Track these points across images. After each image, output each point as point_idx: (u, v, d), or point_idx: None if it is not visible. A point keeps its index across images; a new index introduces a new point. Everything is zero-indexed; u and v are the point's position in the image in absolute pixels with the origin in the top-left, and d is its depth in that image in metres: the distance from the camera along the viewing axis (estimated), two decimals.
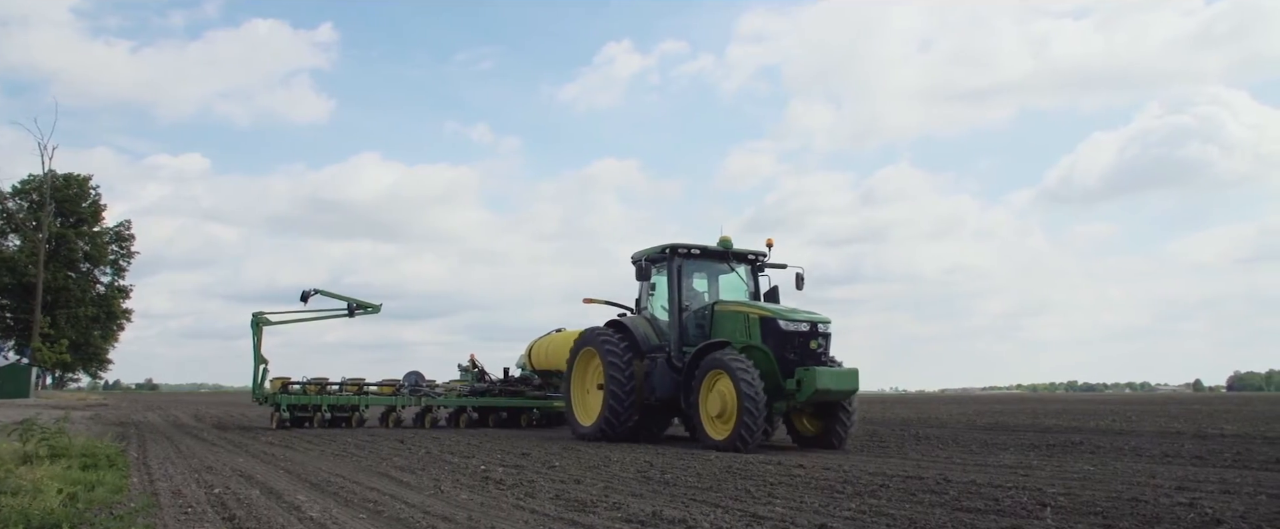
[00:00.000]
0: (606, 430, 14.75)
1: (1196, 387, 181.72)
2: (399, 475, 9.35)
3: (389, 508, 6.86)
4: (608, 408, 14.63)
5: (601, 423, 14.83)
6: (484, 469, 9.86)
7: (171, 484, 8.48)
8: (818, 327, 13.49)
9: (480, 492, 7.88)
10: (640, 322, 15.36)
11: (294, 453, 12.44)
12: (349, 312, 20.93)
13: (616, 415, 14.59)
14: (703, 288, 15.55)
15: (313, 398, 19.31)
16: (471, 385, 22.05)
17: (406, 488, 8.24)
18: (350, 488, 8.16)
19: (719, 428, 13.00)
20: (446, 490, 7.96)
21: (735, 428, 12.46)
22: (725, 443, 12.65)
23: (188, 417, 26.93)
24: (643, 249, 15.59)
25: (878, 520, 6.12)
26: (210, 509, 6.80)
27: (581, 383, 16.18)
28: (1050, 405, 43.81)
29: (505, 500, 7.29)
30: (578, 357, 16.09)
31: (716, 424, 13.06)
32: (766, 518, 6.22)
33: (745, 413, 12.33)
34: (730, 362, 12.66)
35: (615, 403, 14.53)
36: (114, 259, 58.93)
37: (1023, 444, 14.40)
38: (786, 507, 6.81)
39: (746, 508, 6.75)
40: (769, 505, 6.90)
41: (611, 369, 14.62)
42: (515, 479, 8.82)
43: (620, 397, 14.50)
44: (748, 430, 12.34)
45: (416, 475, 9.30)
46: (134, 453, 12.28)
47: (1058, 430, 18.70)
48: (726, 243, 15.32)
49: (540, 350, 20.82)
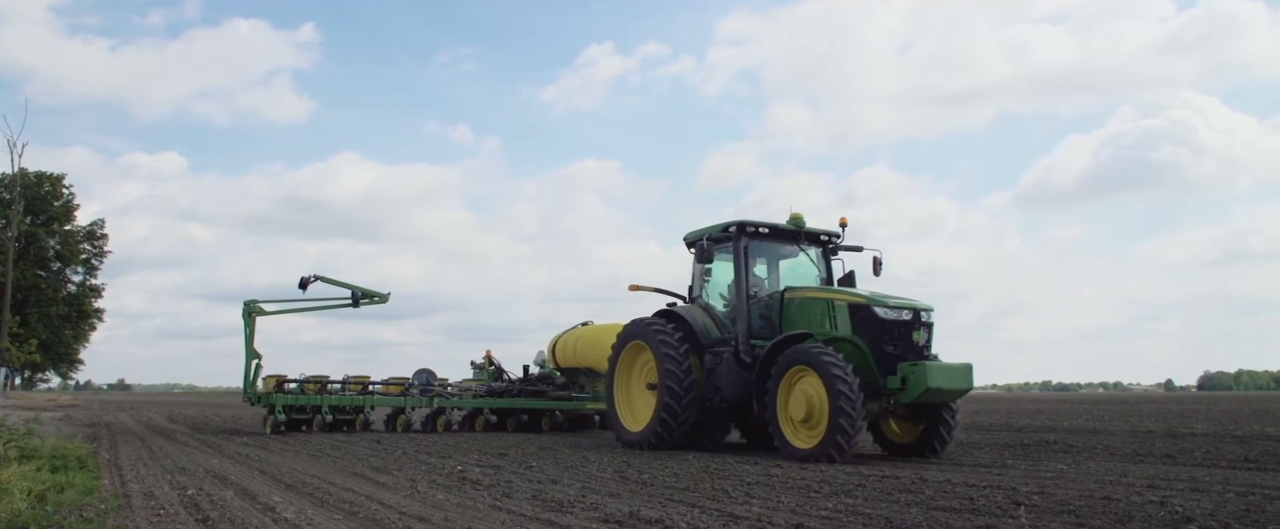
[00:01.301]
0: (662, 436, 12.81)
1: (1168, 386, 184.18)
2: (375, 476, 9.29)
3: (365, 508, 6.81)
4: (663, 410, 12.74)
5: (655, 428, 12.88)
6: (460, 470, 9.82)
7: (143, 486, 8.38)
8: (921, 315, 11.62)
9: (457, 492, 7.85)
10: (697, 311, 13.44)
11: (268, 454, 12.34)
12: (353, 301, 18.85)
13: (674, 418, 12.72)
14: (762, 273, 13.69)
15: (312, 398, 17.57)
16: (488, 385, 20.07)
17: (382, 488, 8.19)
18: (325, 488, 8.10)
19: (803, 435, 11.15)
20: (423, 491, 7.92)
21: (826, 435, 10.64)
22: (813, 452, 10.75)
23: (161, 418, 26.64)
24: (699, 228, 13.89)
25: (854, 520, 6.15)
26: (183, 511, 6.72)
27: (626, 382, 14.27)
28: (1024, 405, 44.26)
29: (482, 501, 7.26)
30: (623, 352, 14.16)
31: (800, 430, 11.20)
32: (743, 518, 6.23)
33: (840, 416, 10.49)
34: (820, 356, 10.83)
35: (672, 404, 12.64)
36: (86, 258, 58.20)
37: (997, 443, 14.53)
38: (763, 506, 6.83)
39: (723, 508, 6.76)
40: (746, 505, 6.92)
41: (667, 365, 12.74)
42: (492, 479, 8.79)
43: (678, 396, 12.62)
44: (843, 436, 10.49)
45: (392, 476, 9.24)
46: (105, 454, 12.12)
47: (1032, 430, 18.89)
48: (799, 221, 13.40)
49: (566, 346, 19.24)
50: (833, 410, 10.57)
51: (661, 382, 12.82)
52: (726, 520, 6.13)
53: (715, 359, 12.67)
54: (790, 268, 13.74)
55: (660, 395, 12.85)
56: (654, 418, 12.95)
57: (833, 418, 10.56)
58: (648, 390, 13.62)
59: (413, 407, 18.29)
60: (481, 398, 18.97)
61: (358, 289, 18.95)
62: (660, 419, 12.78)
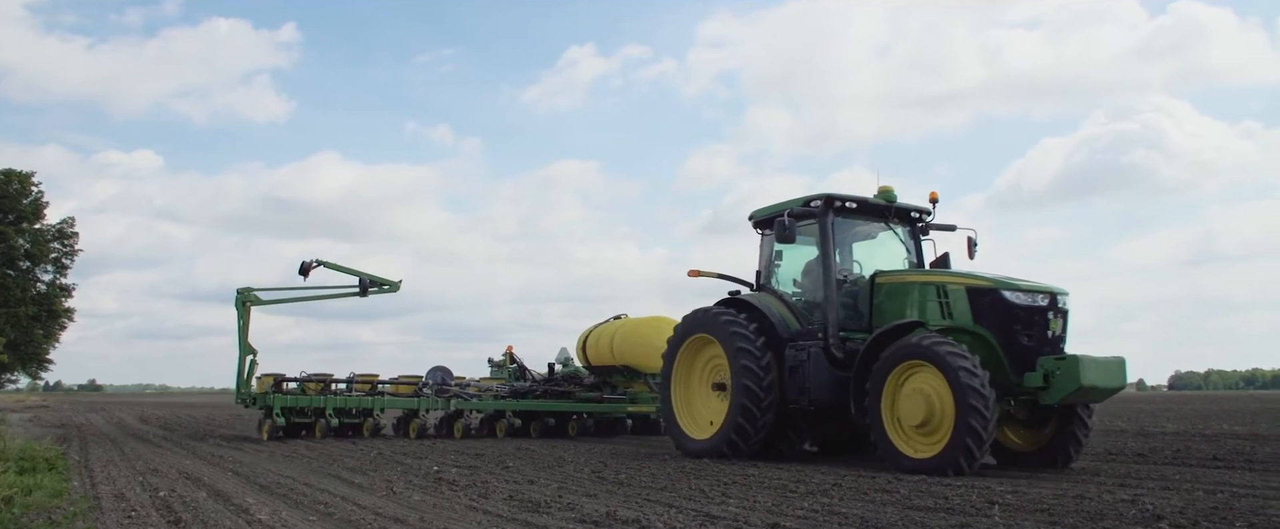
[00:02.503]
0: (737, 444, 11.09)
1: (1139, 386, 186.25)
2: (350, 477, 9.22)
3: (340, 510, 6.76)
4: (738, 415, 11.03)
5: (727, 435, 11.17)
6: (437, 470, 9.77)
7: (114, 487, 8.27)
8: (1057, 299, 10.09)
9: (433, 493, 7.81)
10: (770, 300, 11.70)
11: (243, 455, 12.22)
12: (360, 289, 16.90)
13: (752, 424, 10.99)
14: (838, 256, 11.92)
15: (314, 400, 15.69)
16: (510, 384, 18.23)
17: (358, 489, 8.13)
18: (300, 490, 8.03)
19: (918, 442, 9.55)
20: (399, 492, 7.87)
21: (951, 442, 9.05)
22: (932, 463, 9.16)
23: (133, 419, 26.33)
24: (774, 203, 12.10)
25: (830, 519, 6.18)
26: (155, 513, 6.64)
27: (686, 383, 12.40)
28: None
29: (458, 501, 7.23)
30: (682, 348, 12.30)
31: (915, 437, 9.59)
32: (720, 518, 6.24)
33: (969, 420, 8.89)
34: (942, 350, 9.26)
35: (750, 407, 10.95)
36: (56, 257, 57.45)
37: None
38: (740, 506, 6.85)
39: (700, 508, 6.77)
40: (723, 505, 6.94)
41: (743, 361, 11.04)
42: (469, 480, 8.76)
43: (757, 398, 10.93)
44: (973, 445, 8.93)
45: (368, 477, 9.18)
46: (75, 456, 11.96)
47: None
48: (890, 194, 11.78)
49: (599, 342, 17.72)
50: (961, 414, 8.99)
51: (736, 381, 11.14)
52: (703, 520, 6.14)
53: (798, 355, 10.92)
54: (869, 249, 12.03)
55: (734, 397, 11.18)
56: (726, 424, 11.24)
57: (961, 423, 8.98)
58: (713, 391, 11.97)
59: (427, 408, 16.37)
60: (504, 399, 17.14)
61: (366, 276, 16.98)
62: (735, 425, 11.06)
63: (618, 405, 17.65)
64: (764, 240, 12.31)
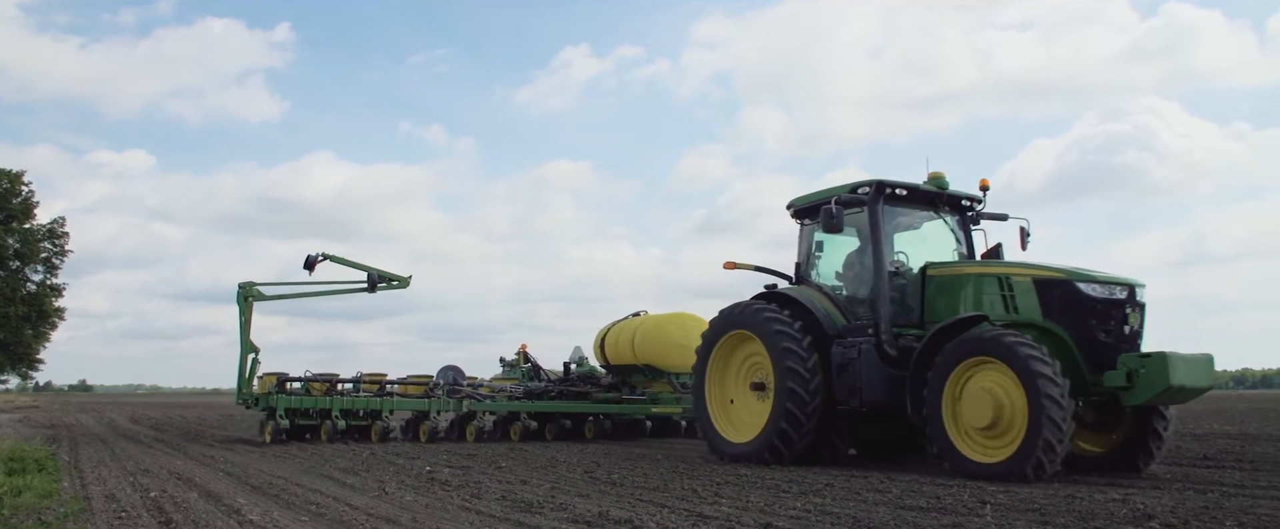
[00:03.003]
0: (780, 449, 10.36)
1: None
2: (342, 477, 9.20)
3: (332, 510, 6.75)
4: (783, 418, 10.31)
5: (769, 439, 10.45)
6: (429, 470, 9.76)
7: (105, 488, 8.24)
8: (1135, 292, 9.40)
9: (425, 493, 7.80)
10: (813, 294, 11.02)
11: (234, 455, 12.18)
12: (369, 285, 16.16)
13: (797, 427, 10.27)
14: None
15: (320, 401, 14.87)
16: (524, 385, 17.37)
17: (350, 490, 8.12)
18: (292, 490, 8.01)
19: (984, 446, 8.85)
20: (391, 492, 7.86)
21: (1024, 446, 8.33)
22: (1002, 468, 8.46)
23: (123, 419, 26.21)
24: (808, 192, 11.47)
25: (822, 519, 6.19)
26: (145, 513, 6.62)
27: (721, 382, 11.68)
28: None
29: (451, 502, 7.22)
30: (718, 346, 11.58)
31: (981, 441, 8.88)
32: (712, 518, 6.25)
33: (1045, 422, 8.19)
34: (1014, 345, 8.56)
35: (795, 410, 10.25)
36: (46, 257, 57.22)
37: None
38: (732, 506, 6.86)
39: (692, 508, 6.78)
40: (715, 505, 6.94)
41: (788, 361, 10.35)
42: (461, 480, 8.75)
43: (802, 400, 10.24)
44: (1049, 449, 8.21)
45: (360, 477, 9.16)
46: (65, 456, 11.90)
47: None
48: (941, 181, 11.07)
49: (619, 340, 17.04)
50: (1036, 415, 8.28)
51: (780, 381, 10.45)
52: (695, 520, 6.15)
53: (848, 352, 10.22)
54: (912, 240, 11.31)
55: (778, 398, 10.46)
56: (769, 427, 10.55)
57: (1036, 425, 8.26)
58: (752, 392, 11.29)
59: (438, 410, 15.47)
60: (519, 400, 16.29)
61: (375, 271, 16.20)
62: (778, 429, 10.37)
63: (638, 406, 16.85)
64: (804, 230, 11.64)
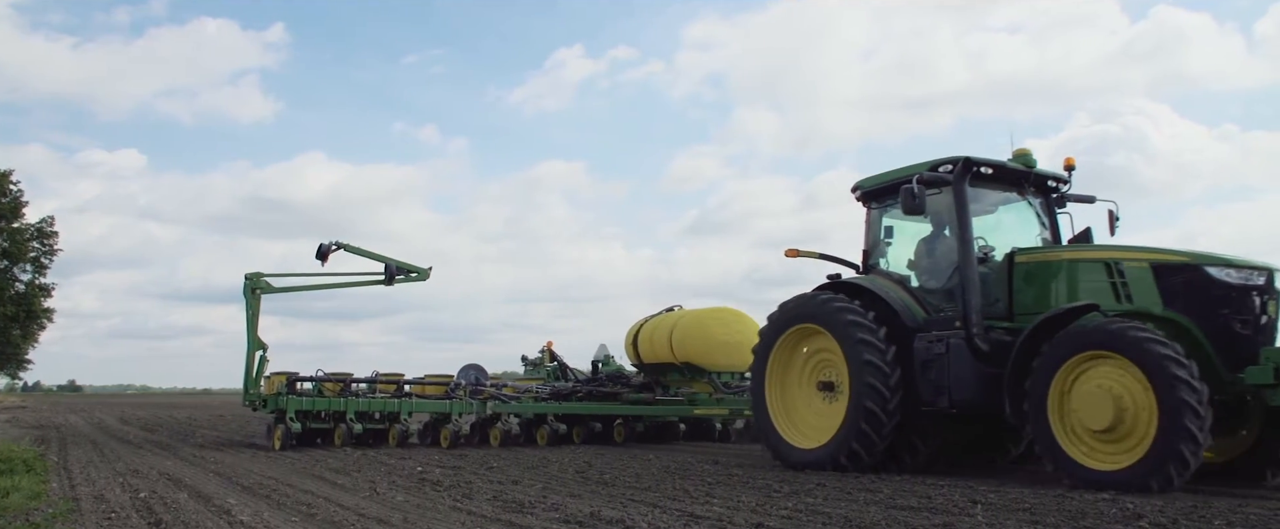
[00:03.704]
0: (857, 454, 9.46)
1: None
2: (333, 477, 9.18)
3: (323, 510, 6.73)
4: (863, 419, 9.41)
5: (846, 443, 9.51)
6: (421, 471, 9.73)
7: (94, 489, 8.19)
8: (1274, 278, 8.51)
9: (416, 493, 7.78)
10: (887, 284, 10.20)
11: (224, 456, 12.13)
12: (386, 277, 15.07)
13: (877, 430, 9.38)
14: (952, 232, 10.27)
15: (334, 402, 13.80)
16: (550, 385, 16.34)
17: (341, 490, 8.10)
18: (283, 490, 7.99)
19: (1104, 451, 7.89)
20: (382, 492, 7.84)
21: (1153, 452, 7.41)
22: (1129, 475, 7.54)
23: (113, 419, 26.09)
24: (877, 173, 10.67)
25: (814, 519, 6.20)
26: (135, 514, 6.59)
27: (781, 381, 10.74)
28: None
29: (442, 502, 7.21)
30: (779, 341, 10.65)
31: (1096, 445, 7.94)
32: (704, 518, 6.26)
33: (1183, 421, 7.30)
34: (1139, 337, 7.63)
35: (876, 410, 9.35)
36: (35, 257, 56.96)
37: None
38: (724, 506, 6.86)
39: (684, 508, 6.78)
40: (707, 505, 6.95)
41: (867, 356, 9.45)
42: (453, 480, 8.73)
43: (883, 399, 9.34)
44: (1187, 451, 7.31)
45: (351, 477, 9.14)
46: (54, 457, 11.84)
47: None
48: (1028, 159, 10.19)
49: (654, 336, 16.08)
50: (1168, 416, 7.39)
51: (856, 380, 9.54)
52: (687, 520, 6.15)
53: (933, 347, 9.34)
54: (989, 225, 10.32)
55: (856, 399, 9.53)
56: (844, 430, 9.62)
57: (1168, 427, 7.38)
58: (819, 392, 10.39)
59: (460, 412, 14.26)
60: (545, 402, 15.19)
61: (393, 262, 15.10)
62: (858, 432, 9.44)
63: (676, 407, 15.79)
64: (871, 215, 10.80)
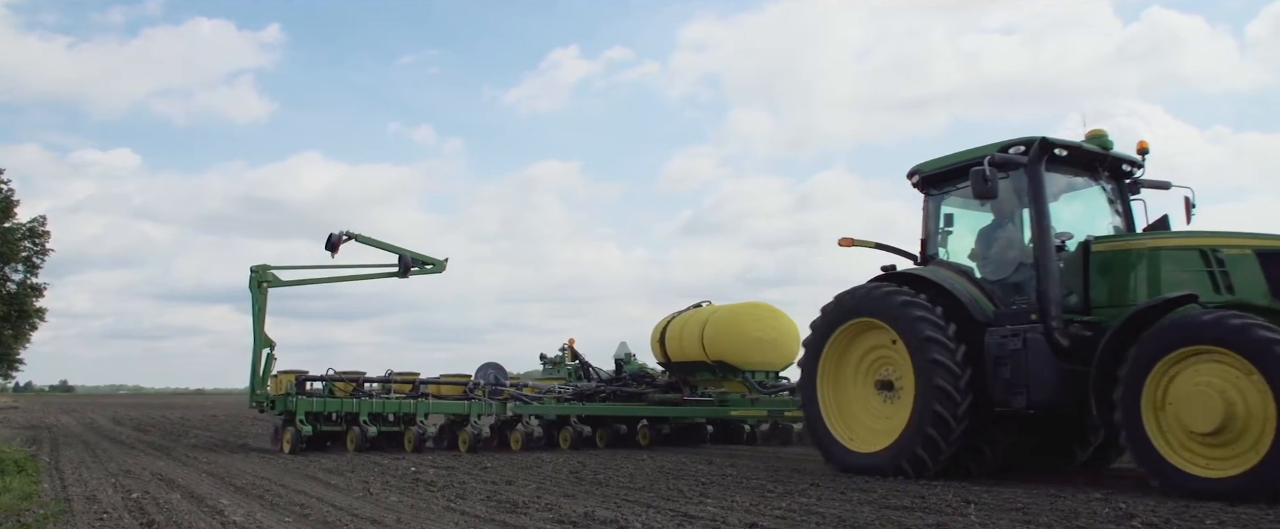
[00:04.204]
0: (923, 459, 8.72)
1: None
2: (327, 477, 9.16)
3: (316, 511, 6.72)
4: (929, 422, 8.67)
5: (911, 448, 8.79)
6: (414, 471, 9.72)
7: (86, 489, 8.16)
8: None
9: (410, 493, 7.77)
10: (952, 276, 9.48)
11: (217, 456, 12.09)
12: (401, 269, 14.28)
13: (946, 434, 8.64)
14: (1023, 218, 9.48)
15: (347, 403, 12.92)
16: (572, 385, 15.45)
17: (334, 490, 8.08)
18: (276, 491, 7.97)
19: (1210, 457, 7.17)
20: (376, 492, 7.82)
21: (1271, 457, 6.73)
22: (1245, 484, 6.84)
23: (105, 420, 25.99)
24: (945, 155, 9.92)
25: (808, 519, 6.21)
26: (127, 515, 6.57)
27: (834, 380, 10.04)
28: None
29: (436, 502, 7.20)
30: (833, 337, 9.96)
31: (1200, 449, 7.23)
32: (698, 517, 6.26)
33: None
34: (1264, 336, 6.89)
35: (946, 412, 8.61)
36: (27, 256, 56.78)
37: None
38: (718, 506, 6.87)
39: (678, 508, 6.78)
40: (701, 505, 6.95)
41: (934, 353, 8.74)
42: (446, 481, 8.72)
43: (953, 399, 8.60)
44: None
45: (345, 477, 9.12)
46: (46, 457, 11.79)
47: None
48: (1105, 140, 9.50)
49: (683, 333, 15.41)
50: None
51: (923, 379, 8.81)
52: (681, 520, 6.15)
53: (1008, 343, 8.59)
54: (1055, 212, 9.34)
55: (922, 400, 8.81)
56: (909, 432, 8.88)
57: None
58: (877, 391, 9.68)
59: (479, 414, 13.42)
60: (569, 402, 14.37)
61: (408, 253, 14.39)
62: (924, 438, 8.70)
63: (706, 409, 14.91)
64: (929, 202, 10.18)
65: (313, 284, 14.71)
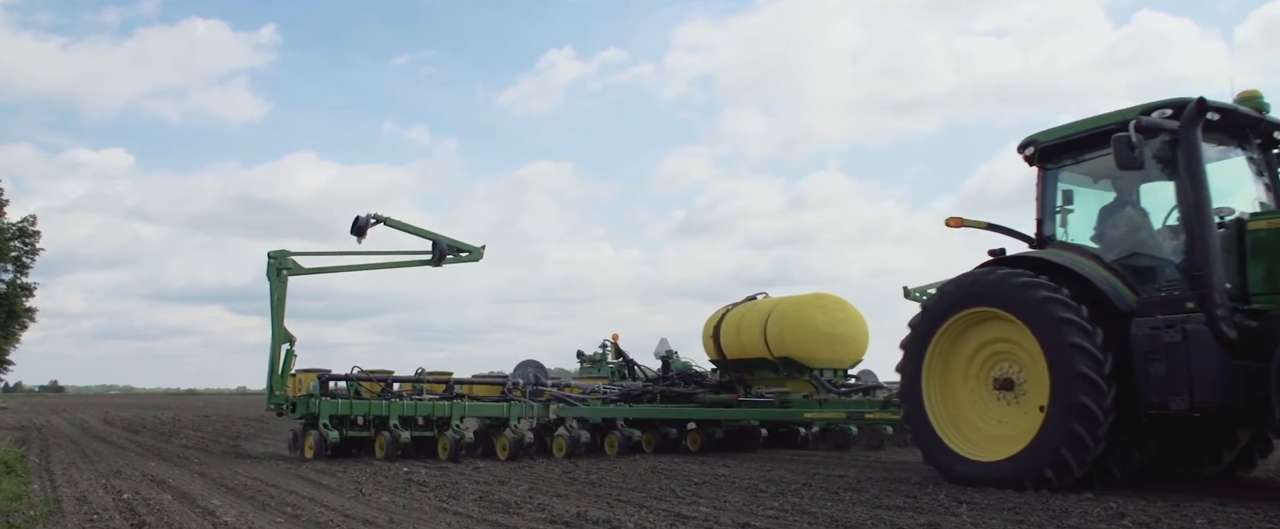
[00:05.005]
0: (1067, 463, 7.50)
1: None
2: (319, 478, 9.13)
3: (308, 511, 6.70)
4: (1073, 418, 7.48)
5: (1054, 448, 7.56)
6: (407, 471, 9.70)
7: (76, 490, 8.12)
8: None
9: (402, 494, 7.76)
10: (1083, 260, 8.33)
11: (209, 456, 12.06)
12: (435, 256, 12.87)
13: (1092, 429, 7.44)
14: (1147, 191, 8.74)
15: (376, 406, 11.73)
16: (617, 384, 14.21)
17: (326, 491, 8.06)
18: (267, 491, 7.95)
19: None
20: (368, 493, 7.81)
21: None
22: None
23: (96, 420, 25.87)
24: (1069, 122, 8.84)
25: (800, 519, 6.22)
26: (118, 516, 6.54)
27: (941, 379, 8.94)
28: None
29: (428, 503, 7.19)
30: (941, 331, 8.87)
31: None
32: (690, 518, 6.26)
33: None
34: None
35: (1092, 404, 7.44)
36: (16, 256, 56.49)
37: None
38: (710, 506, 6.87)
39: (671, 508, 6.78)
40: (693, 505, 6.95)
41: (1072, 337, 7.60)
42: (438, 481, 8.70)
43: (1100, 391, 7.44)
44: None
45: (337, 478, 9.09)
46: (35, 458, 11.73)
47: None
48: (1259, 101, 8.38)
49: (742, 327, 14.26)
50: None
51: (1064, 370, 7.65)
52: (673, 520, 6.16)
53: (1162, 335, 7.42)
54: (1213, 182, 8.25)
55: (1061, 401, 7.63)
56: (1044, 440, 7.70)
57: None
58: (995, 391, 8.55)
59: (519, 417, 12.18)
60: (615, 405, 13.11)
61: (444, 240, 13.01)
62: (1068, 437, 7.49)
63: (770, 411, 13.51)
64: (1045, 177, 9.10)
65: (338, 272, 13.53)
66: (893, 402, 11.37)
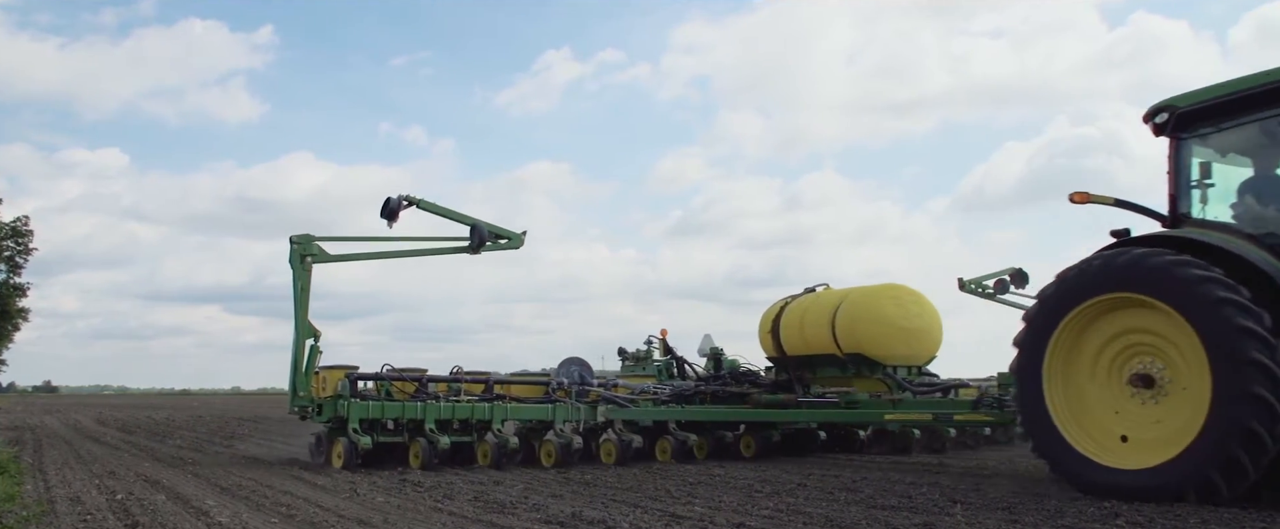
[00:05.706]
0: (1241, 465, 6.55)
1: None
2: (313, 478, 9.12)
3: (303, 512, 6.69)
4: (1247, 412, 6.54)
5: (1224, 447, 6.60)
6: (401, 471, 9.69)
7: (70, 491, 8.10)
8: None
9: (397, 494, 7.75)
10: (1237, 240, 7.47)
11: (203, 457, 12.04)
12: (473, 243, 11.71)
13: (1257, 447, 6.52)
14: (1239, 172, 8.14)
15: (410, 408, 10.73)
16: (668, 384, 13.29)
17: (321, 491, 8.05)
18: (262, 492, 7.93)
19: None
20: (362, 493, 7.80)
21: None
22: None
23: (90, 421, 25.79)
24: (1212, 84, 7.92)
25: (795, 519, 6.22)
26: (111, 516, 6.52)
27: (1062, 376, 7.91)
28: None
29: (423, 503, 7.18)
30: (1065, 322, 7.87)
31: None
32: (686, 518, 6.26)
33: None
34: None
35: (1269, 395, 6.52)
36: (10, 256, 56.30)
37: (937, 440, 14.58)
38: (706, 507, 6.87)
39: (666, 508, 6.78)
40: (688, 505, 6.95)
41: (1238, 319, 6.68)
42: (433, 481, 8.70)
43: (1276, 391, 6.53)
44: None
45: (331, 478, 9.09)
46: (29, 459, 11.70)
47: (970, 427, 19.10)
48: None
49: (804, 321, 13.18)
50: None
51: (1229, 360, 6.70)
52: (669, 521, 6.16)
53: None
54: None
55: (1230, 395, 6.67)
56: (1201, 447, 6.76)
57: None
58: (1130, 389, 7.50)
59: (564, 419, 11.48)
60: (667, 406, 12.17)
61: (484, 225, 11.83)
62: (1242, 433, 6.56)
63: (839, 412, 12.17)
64: (1179, 147, 8.14)
65: (367, 259, 12.53)
66: (986, 402, 10.57)
